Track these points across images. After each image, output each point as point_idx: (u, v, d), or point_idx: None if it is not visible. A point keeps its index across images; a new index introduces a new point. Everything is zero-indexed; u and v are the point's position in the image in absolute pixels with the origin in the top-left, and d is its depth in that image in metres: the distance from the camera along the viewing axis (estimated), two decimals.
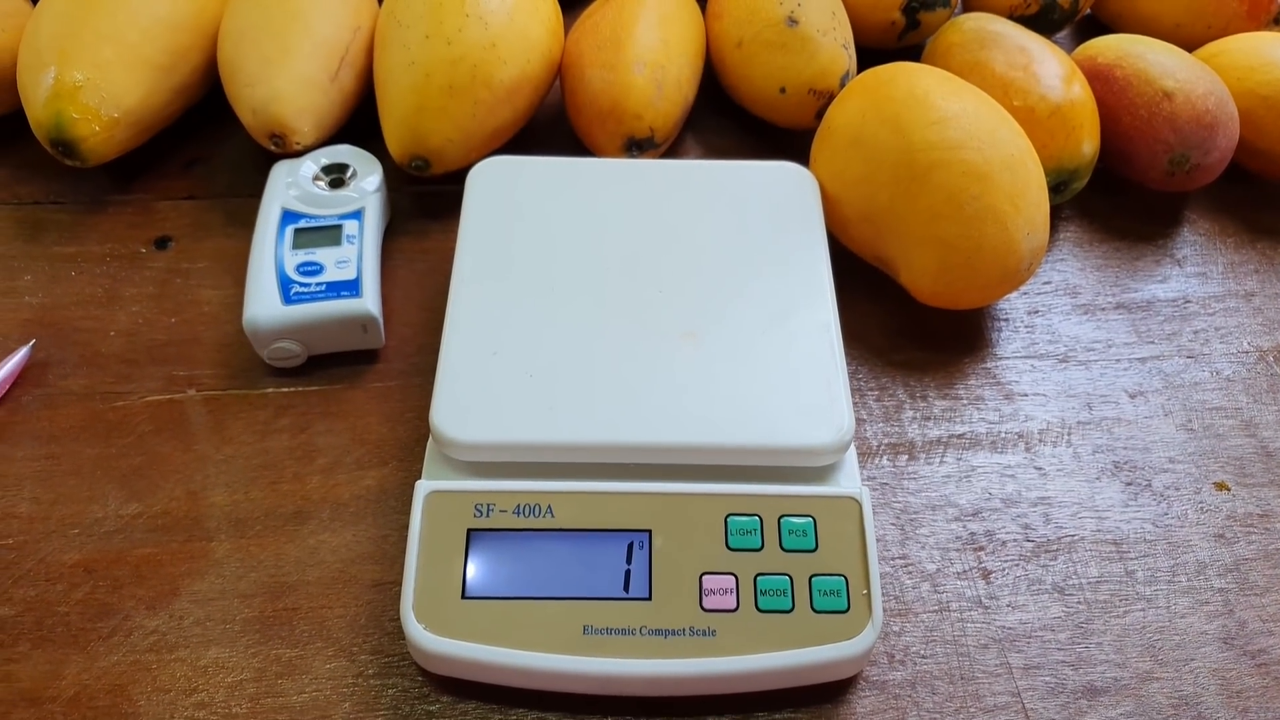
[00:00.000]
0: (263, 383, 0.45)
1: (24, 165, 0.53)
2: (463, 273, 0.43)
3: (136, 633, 0.38)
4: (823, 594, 0.36)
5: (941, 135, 0.43)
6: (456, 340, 0.40)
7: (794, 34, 0.51)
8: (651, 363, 0.40)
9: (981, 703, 0.37)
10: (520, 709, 0.36)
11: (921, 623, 0.39)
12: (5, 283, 0.48)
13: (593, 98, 0.50)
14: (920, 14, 0.57)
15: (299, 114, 0.49)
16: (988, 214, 0.43)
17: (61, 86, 0.47)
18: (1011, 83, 0.49)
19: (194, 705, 0.36)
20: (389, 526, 0.41)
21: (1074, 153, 0.49)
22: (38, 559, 0.39)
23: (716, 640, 0.35)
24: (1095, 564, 0.41)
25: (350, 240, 0.46)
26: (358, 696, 0.36)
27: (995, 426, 0.45)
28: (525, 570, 0.36)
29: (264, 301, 0.43)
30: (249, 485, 0.42)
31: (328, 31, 0.50)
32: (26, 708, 0.36)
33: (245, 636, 0.38)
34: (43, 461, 0.42)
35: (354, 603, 0.39)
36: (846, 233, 0.48)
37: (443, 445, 0.38)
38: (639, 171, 0.47)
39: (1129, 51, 0.52)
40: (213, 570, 0.39)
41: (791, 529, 0.37)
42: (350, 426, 0.43)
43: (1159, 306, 0.50)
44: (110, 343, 0.46)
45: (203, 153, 0.55)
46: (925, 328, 0.48)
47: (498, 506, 0.37)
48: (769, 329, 0.41)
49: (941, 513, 0.42)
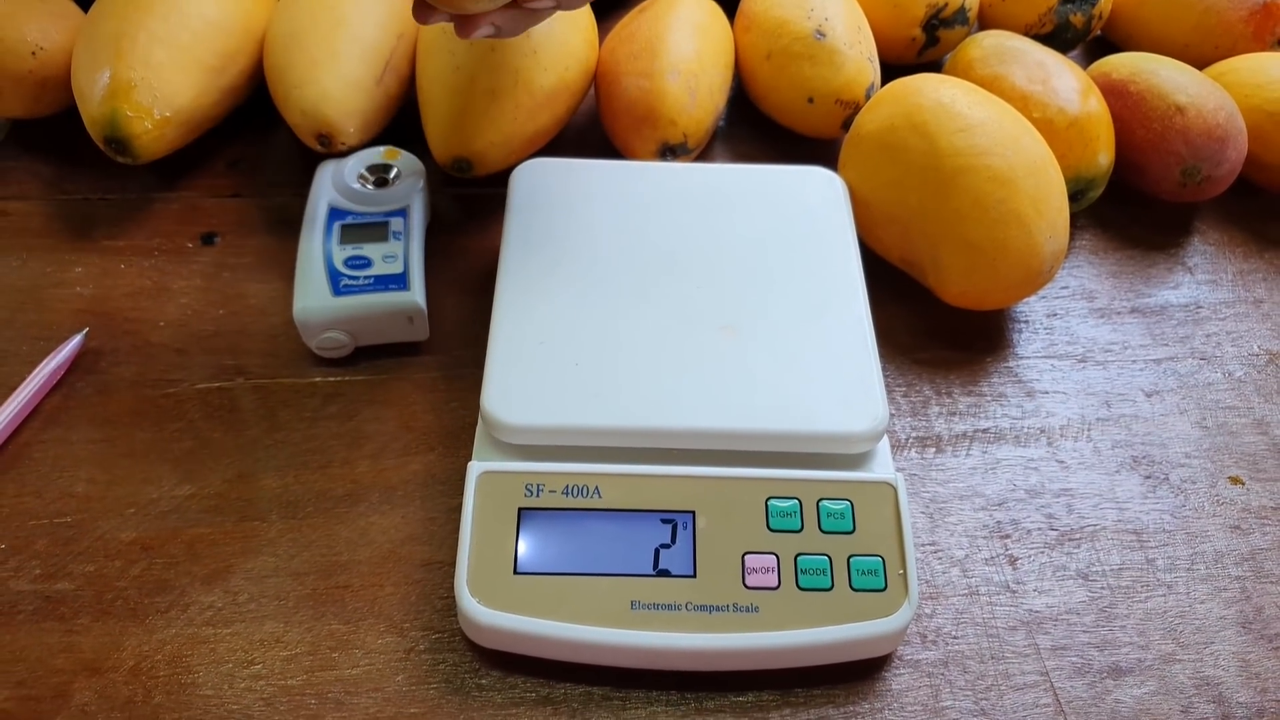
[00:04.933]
0: (310, 372, 0.46)
1: (72, 162, 0.55)
2: (509, 267, 0.44)
3: (193, 607, 0.39)
4: (861, 573, 0.37)
5: (968, 142, 0.45)
6: (504, 331, 0.42)
7: (822, 47, 0.53)
8: (692, 354, 0.41)
9: (1011, 681, 0.38)
10: (567, 683, 0.37)
11: (952, 605, 0.40)
12: (58, 274, 0.50)
13: (629, 104, 0.52)
14: (940, 31, 0.59)
15: (346, 115, 0.51)
16: (1011, 217, 0.45)
17: (117, 85, 0.49)
18: (1031, 96, 0.52)
19: (250, 676, 0.37)
20: (436, 509, 0.42)
21: (1091, 163, 0.51)
22: (96, 536, 0.40)
23: (759, 616, 0.36)
24: (1117, 552, 0.42)
25: (396, 237, 0.47)
26: (410, 670, 0.37)
27: (1018, 422, 0.47)
28: (574, 547, 0.37)
29: (314, 293, 0.45)
30: (299, 469, 0.43)
31: (372, 37, 0.52)
32: (89, 677, 0.37)
33: (299, 612, 0.39)
34: (98, 444, 0.43)
35: (404, 581, 0.40)
36: (874, 235, 0.49)
37: (493, 429, 0.39)
38: (676, 174, 0.49)
39: (1142, 68, 0.54)
40: (266, 549, 0.40)
41: (830, 512, 0.39)
42: (397, 414, 0.45)
43: (1172, 311, 0.52)
44: (160, 333, 0.48)
45: (246, 153, 0.56)
46: (949, 328, 0.50)
47: (547, 487, 0.39)
48: (804, 323, 0.43)
49: (969, 502, 0.44)
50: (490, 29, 0.38)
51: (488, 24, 0.37)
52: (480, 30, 0.37)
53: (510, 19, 0.38)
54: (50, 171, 0.55)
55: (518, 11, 0.38)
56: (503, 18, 0.37)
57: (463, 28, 0.37)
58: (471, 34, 0.37)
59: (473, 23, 0.37)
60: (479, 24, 0.37)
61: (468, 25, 0.37)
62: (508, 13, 0.38)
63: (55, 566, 0.39)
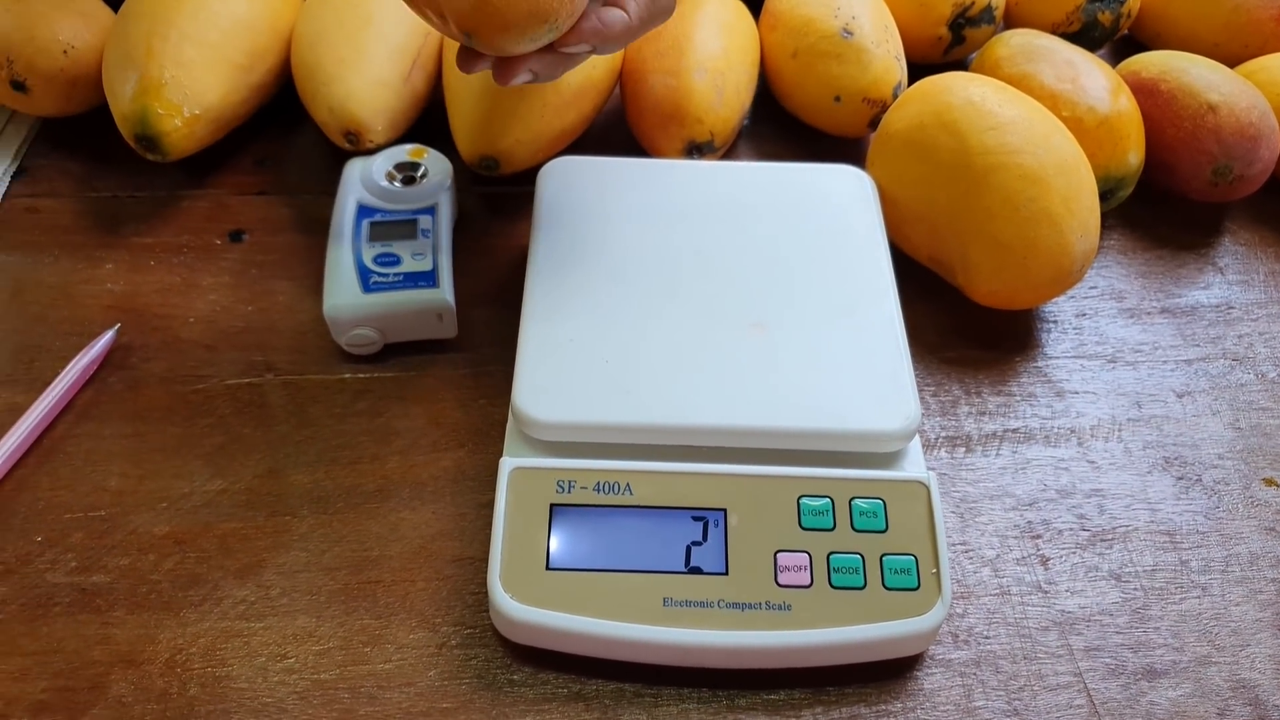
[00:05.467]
0: (339, 368, 0.46)
1: (101, 159, 0.55)
2: (537, 264, 0.44)
3: (226, 601, 0.39)
4: (894, 572, 0.37)
5: (999, 140, 0.45)
6: (534, 327, 0.42)
7: (849, 45, 0.53)
8: (722, 351, 0.41)
9: (1044, 682, 0.38)
10: (599, 679, 0.37)
11: (983, 605, 0.40)
12: (88, 270, 0.50)
13: (655, 102, 0.52)
14: (966, 30, 0.59)
15: (374, 114, 0.51)
16: (1042, 216, 0.45)
17: (147, 83, 0.49)
18: (1060, 94, 0.51)
19: (284, 670, 0.37)
20: (466, 505, 0.42)
21: (1121, 162, 0.51)
22: (129, 530, 0.41)
23: (792, 614, 0.36)
24: (1150, 553, 0.42)
25: (425, 235, 0.47)
26: (442, 665, 0.38)
27: (1048, 422, 0.46)
28: (606, 544, 0.37)
29: (344, 290, 0.45)
30: (329, 465, 0.43)
31: (400, 36, 0.52)
32: (125, 669, 0.37)
33: (331, 607, 0.39)
34: (130, 439, 0.43)
35: (435, 577, 0.40)
36: (902, 234, 0.49)
37: (524, 425, 0.39)
38: (703, 172, 0.49)
39: (1173, 66, 0.54)
40: (297, 544, 0.41)
41: (862, 510, 0.38)
42: (426, 411, 0.45)
43: (1203, 312, 0.51)
44: (190, 329, 0.48)
45: (272, 150, 0.57)
46: (977, 328, 0.50)
47: (578, 483, 0.38)
48: (835, 321, 0.43)
49: (999, 502, 0.43)
50: (528, 75, 0.38)
51: (526, 70, 0.38)
52: (519, 77, 0.38)
53: (547, 64, 0.38)
54: (80, 169, 0.55)
55: (555, 56, 0.38)
56: (540, 63, 0.38)
57: (502, 74, 0.38)
58: (510, 81, 0.38)
59: (512, 69, 0.38)
60: (518, 70, 0.38)
61: (507, 71, 0.38)
62: (545, 58, 0.38)
63: (90, 559, 0.40)
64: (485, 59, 0.38)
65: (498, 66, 0.38)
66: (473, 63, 0.38)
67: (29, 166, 0.55)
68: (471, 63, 0.38)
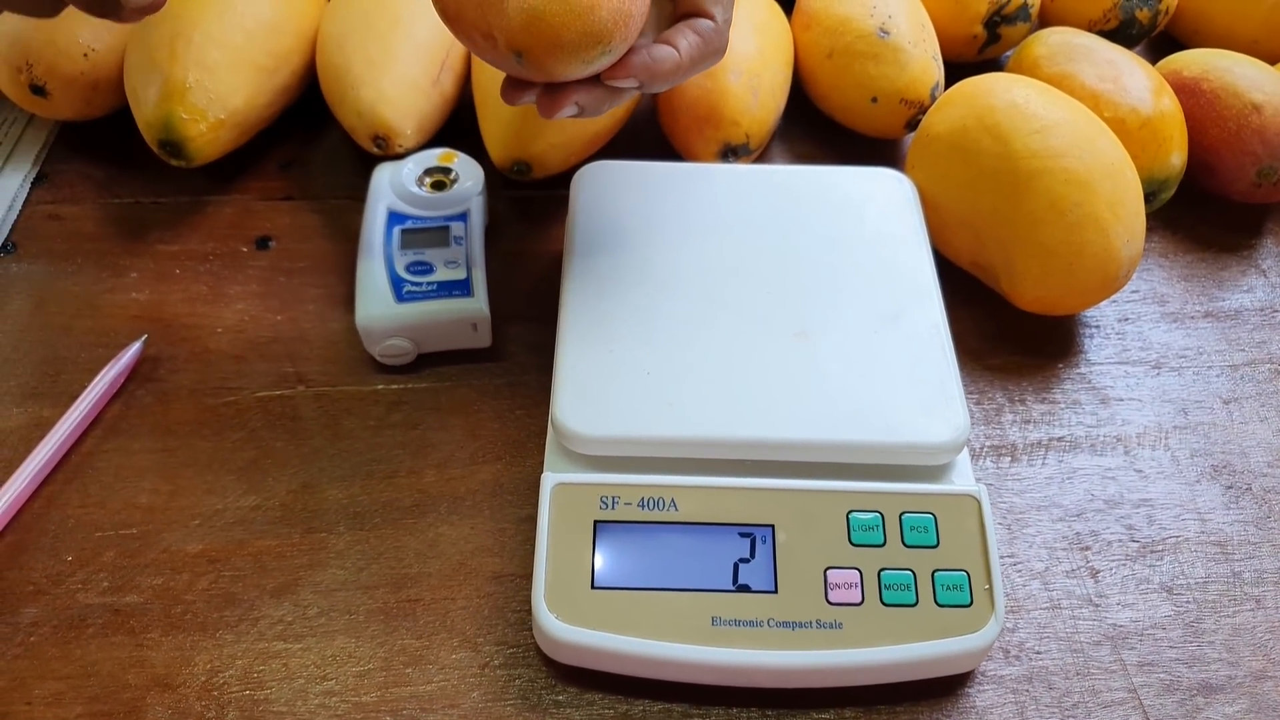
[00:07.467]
0: (372, 379, 0.45)
1: (121, 164, 0.54)
2: (574, 272, 0.43)
3: (263, 621, 0.38)
4: (946, 589, 0.36)
5: (1044, 143, 0.44)
6: (573, 338, 0.41)
7: (886, 45, 0.52)
8: (766, 361, 0.40)
9: (1098, 698, 0.37)
10: (645, 699, 0.37)
11: (1034, 620, 0.39)
12: (112, 279, 0.49)
13: (690, 104, 0.51)
14: (1001, 28, 0.58)
15: (404, 117, 0.50)
16: (1089, 221, 0.44)
17: (171, 88, 0.48)
18: (1101, 95, 0.50)
19: (323, 693, 0.36)
20: (506, 520, 0.41)
21: (1164, 164, 0.50)
22: (161, 548, 0.40)
23: (843, 632, 0.36)
24: (1201, 564, 0.41)
25: (458, 242, 0.47)
26: (485, 686, 0.37)
27: (1093, 430, 0.45)
28: (652, 562, 0.37)
29: (377, 300, 0.44)
30: (365, 479, 0.42)
31: (427, 37, 0.51)
32: (161, 692, 0.36)
33: (370, 627, 0.38)
34: (160, 454, 0.43)
35: (476, 594, 0.39)
36: (943, 238, 0.48)
37: (566, 439, 0.38)
38: (740, 176, 0.48)
39: (1214, 65, 0.53)
40: (334, 562, 0.40)
41: (913, 525, 0.38)
42: (463, 422, 0.44)
43: (1247, 315, 0.51)
44: (218, 339, 0.47)
45: (296, 154, 0.56)
46: (1019, 333, 0.49)
47: (622, 499, 0.38)
48: (880, 329, 0.42)
49: (1046, 513, 0.43)
50: (574, 108, 0.37)
51: (572, 104, 0.37)
52: (565, 110, 0.37)
53: (594, 98, 0.37)
54: (101, 175, 0.54)
55: (602, 90, 0.37)
56: (587, 96, 0.37)
57: (548, 106, 0.37)
58: (555, 113, 0.37)
59: (558, 101, 0.37)
60: (565, 102, 0.37)
61: (554, 103, 0.37)
62: (593, 91, 0.37)
63: (123, 579, 0.39)
64: (532, 89, 0.36)
65: (543, 98, 0.37)
66: (519, 93, 0.37)
67: (49, 172, 0.54)
68: (518, 93, 0.37)
